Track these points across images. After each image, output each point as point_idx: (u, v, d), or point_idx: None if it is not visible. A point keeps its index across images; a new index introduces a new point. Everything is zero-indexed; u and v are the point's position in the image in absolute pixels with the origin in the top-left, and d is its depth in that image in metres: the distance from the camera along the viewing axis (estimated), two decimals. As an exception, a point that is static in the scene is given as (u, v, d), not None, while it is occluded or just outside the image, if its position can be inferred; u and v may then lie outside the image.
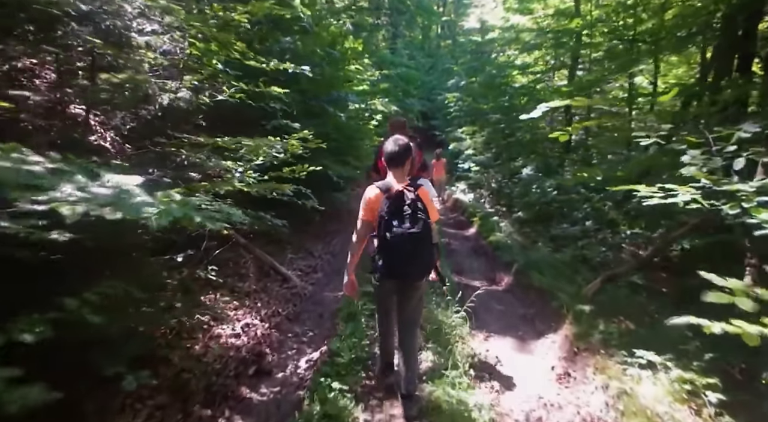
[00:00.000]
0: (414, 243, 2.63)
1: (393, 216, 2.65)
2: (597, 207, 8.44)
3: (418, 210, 2.66)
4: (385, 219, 2.66)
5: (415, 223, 2.62)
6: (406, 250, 2.63)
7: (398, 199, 2.68)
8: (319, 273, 6.34)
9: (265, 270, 5.66)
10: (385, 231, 2.64)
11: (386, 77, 15.70)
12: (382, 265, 2.74)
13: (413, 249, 2.64)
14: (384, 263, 2.72)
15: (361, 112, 12.60)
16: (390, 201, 2.68)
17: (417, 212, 2.65)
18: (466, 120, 15.24)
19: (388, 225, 2.64)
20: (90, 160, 4.23)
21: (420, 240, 2.63)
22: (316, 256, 7.03)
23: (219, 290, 4.78)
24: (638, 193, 3.15)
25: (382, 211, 2.68)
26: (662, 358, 3.59)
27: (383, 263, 2.73)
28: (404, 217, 2.64)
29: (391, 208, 2.66)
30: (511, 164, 11.43)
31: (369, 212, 2.80)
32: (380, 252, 2.73)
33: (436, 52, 36.20)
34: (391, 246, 2.64)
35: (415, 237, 2.61)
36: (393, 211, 2.66)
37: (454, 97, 14.93)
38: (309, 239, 7.63)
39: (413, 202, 2.67)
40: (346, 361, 3.54)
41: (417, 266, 2.73)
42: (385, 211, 2.67)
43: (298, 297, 5.41)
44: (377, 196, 2.76)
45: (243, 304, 4.75)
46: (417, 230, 2.61)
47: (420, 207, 2.68)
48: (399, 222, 2.63)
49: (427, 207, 2.73)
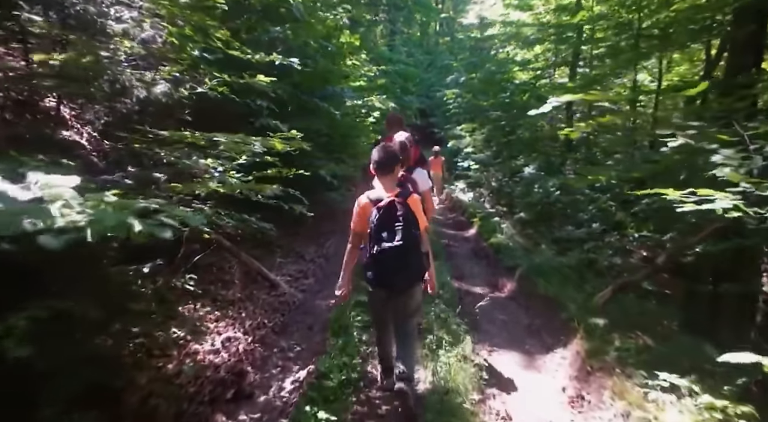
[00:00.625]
0: (402, 255, 2.67)
1: (382, 228, 2.68)
2: (603, 208, 8.08)
3: (407, 222, 2.69)
4: (374, 231, 2.69)
5: (404, 236, 2.65)
6: (393, 262, 2.68)
7: (388, 211, 2.70)
8: (311, 279, 5.95)
9: (251, 276, 5.28)
10: (375, 244, 2.68)
11: (384, 73, 15.30)
12: (372, 276, 2.81)
13: (401, 260, 2.69)
14: (373, 273, 2.79)
15: (358, 109, 12.22)
16: (380, 213, 2.70)
17: (405, 225, 2.67)
18: (465, 117, 14.86)
19: (377, 238, 2.68)
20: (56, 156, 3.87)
21: (407, 251, 2.67)
22: (308, 260, 6.65)
23: (199, 299, 4.39)
24: (666, 197, 2.78)
25: (372, 222, 2.71)
26: (687, 380, 3.24)
27: (373, 273, 2.79)
28: (394, 230, 2.67)
29: (380, 220, 2.69)
30: (511, 163, 11.06)
31: (359, 223, 2.84)
32: (370, 263, 2.78)
33: (434, 49, 35.87)
34: (380, 259, 2.68)
35: (402, 249, 2.64)
36: (382, 224, 2.69)
37: (453, 94, 14.54)
38: (300, 241, 7.24)
39: (403, 213, 2.69)
40: (335, 384, 3.17)
41: (405, 276, 2.78)
42: (375, 223, 2.70)
43: (287, 306, 5.02)
44: (366, 206, 2.79)
45: (225, 315, 4.37)
46: (404, 243, 2.64)
47: (410, 219, 2.71)
48: (388, 234, 2.67)
49: (417, 216, 2.77)
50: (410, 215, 2.71)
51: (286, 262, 6.24)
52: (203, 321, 4.09)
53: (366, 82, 12.97)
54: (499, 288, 6.15)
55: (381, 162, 2.85)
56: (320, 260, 6.83)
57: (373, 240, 2.69)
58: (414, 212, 2.74)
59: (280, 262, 6.15)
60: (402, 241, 2.63)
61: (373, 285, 2.87)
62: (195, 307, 4.24)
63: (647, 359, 3.60)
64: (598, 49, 11.03)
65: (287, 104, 7.16)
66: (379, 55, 20.62)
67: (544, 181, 9.48)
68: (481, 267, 7.06)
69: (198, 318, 4.08)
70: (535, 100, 12.28)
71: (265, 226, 5.33)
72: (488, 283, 6.32)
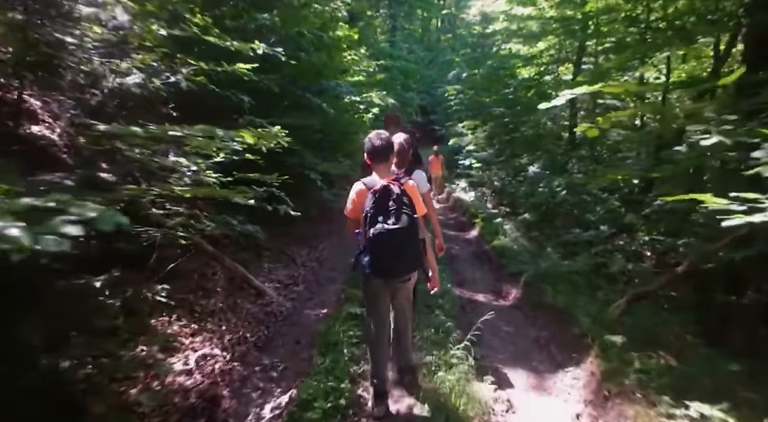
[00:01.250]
0: (398, 239, 2.57)
1: (378, 212, 2.60)
2: (611, 209, 7.68)
3: (403, 205, 2.62)
4: (369, 215, 2.60)
5: (399, 219, 2.57)
6: (390, 247, 2.59)
7: (383, 195, 2.62)
8: (301, 286, 5.56)
9: (236, 284, 4.89)
10: (370, 228, 2.58)
11: (384, 69, 14.87)
12: (368, 262, 2.67)
13: (398, 245, 2.59)
14: (369, 259, 2.66)
15: (356, 105, 11.81)
16: (375, 196, 2.62)
17: (402, 207, 2.60)
18: (467, 114, 14.41)
19: (372, 222, 2.58)
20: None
21: (404, 235, 2.58)
22: (299, 264, 6.25)
23: (175, 311, 4.00)
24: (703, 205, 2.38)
25: (367, 206, 2.62)
26: (719, 409, 2.85)
27: (369, 260, 2.66)
28: (389, 213, 2.59)
29: (375, 204, 2.61)
30: (515, 161, 10.64)
31: (353, 209, 2.78)
32: (366, 249, 2.68)
33: (435, 45, 35.52)
34: (376, 243, 2.58)
35: (399, 233, 2.56)
36: (378, 207, 2.60)
37: (454, 90, 14.11)
38: (292, 244, 6.84)
39: (398, 197, 2.63)
40: (319, 416, 2.77)
41: (402, 262, 2.69)
42: (370, 206, 2.61)
43: (273, 316, 4.63)
44: (362, 192, 2.72)
45: (203, 328, 3.98)
46: (400, 225, 2.56)
47: (405, 202, 2.64)
48: (384, 218, 2.58)
49: (414, 201, 2.70)
50: (406, 198, 2.65)
51: (275, 267, 5.85)
52: (177, 337, 3.70)
53: (365, 78, 12.55)
54: (503, 296, 5.75)
55: (375, 150, 2.78)
56: (312, 264, 6.43)
57: (369, 224, 2.59)
58: (410, 196, 2.68)
59: (269, 267, 5.76)
60: (398, 224, 2.56)
61: (368, 273, 2.72)
62: (169, 320, 3.85)
63: (670, 382, 3.21)
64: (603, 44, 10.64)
65: (279, 99, 6.77)
66: (380, 50, 20.18)
67: (549, 181, 9.07)
68: (484, 273, 6.66)
69: (171, 334, 3.70)
70: (539, 96, 11.90)
71: (249, 229, 4.96)
72: (491, 290, 5.93)
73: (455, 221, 10.83)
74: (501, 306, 5.39)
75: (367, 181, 2.74)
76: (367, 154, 2.83)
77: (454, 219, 11.00)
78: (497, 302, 5.51)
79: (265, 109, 6.19)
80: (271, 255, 6.13)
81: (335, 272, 6.26)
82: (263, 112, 6.10)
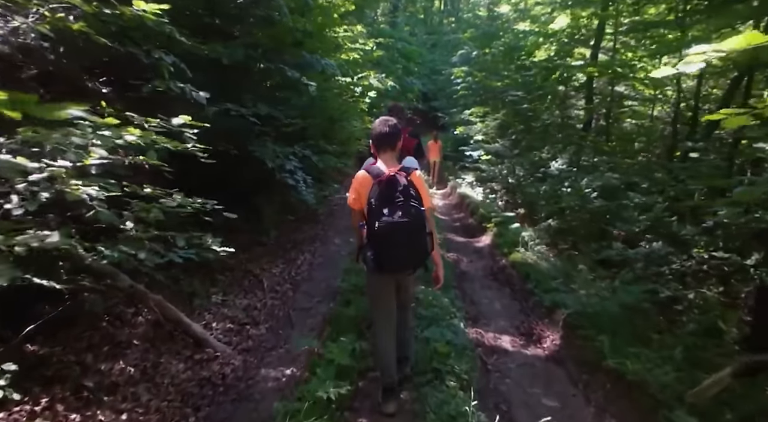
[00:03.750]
0: (406, 233, 2.41)
1: (383, 203, 2.42)
2: (660, 218, 6.22)
3: (411, 197, 2.46)
4: (374, 206, 2.44)
5: (407, 212, 2.40)
6: (397, 241, 2.43)
7: (389, 185, 2.46)
8: (263, 326, 4.10)
9: (164, 331, 3.46)
10: (375, 221, 2.41)
11: (382, 46, 13.29)
12: (372, 257, 2.49)
13: (405, 240, 2.44)
14: (374, 255, 2.48)
15: (351, 88, 10.30)
16: (380, 187, 2.46)
17: (409, 199, 2.44)
18: (475, 100, 12.87)
19: (377, 214, 2.41)
20: None
21: (413, 230, 2.43)
22: (266, 289, 4.81)
23: (47, 391, 2.58)
24: None
25: (372, 197, 2.46)
26: None
27: (373, 255, 2.48)
28: (395, 205, 2.41)
29: (381, 195, 2.45)
30: (533, 155, 9.14)
31: (357, 199, 2.57)
32: (370, 243, 2.49)
33: (438, 28, 34.09)
34: (381, 237, 2.41)
35: (406, 226, 2.39)
36: (383, 198, 2.44)
37: (462, 72, 12.54)
38: (260, 258, 5.41)
39: (405, 188, 2.46)
40: None
41: (409, 258, 2.55)
42: (375, 197, 2.45)
43: (211, 386, 3.19)
44: (366, 181, 2.53)
45: (89, 420, 2.55)
46: (409, 219, 2.39)
47: (413, 193, 2.48)
48: (390, 210, 2.41)
49: (421, 193, 2.53)
50: (414, 190, 2.49)
51: (230, 298, 4.39)
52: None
53: (361, 56, 10.99)
54: (535, 340, 4.31)
55: (382, 136, 2.62)
56: (285, 287, 4.99)
57: (374, 217, 2.42)
58: (417, 188, 2.52)
59: (222, 299, 4.31)
60: (406, 218, 2.39)
61: (372, 268, 2.54)
62: (26, 410, 2.42)
63: None
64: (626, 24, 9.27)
65: (244, 72, 5.28)
66: (380, 32, 18.61)
67: (576, 179, 7.61)
68: (505, 300, 5.22)
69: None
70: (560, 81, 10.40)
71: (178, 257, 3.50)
72: (518, 329, 4.50)
73: (462, 224, 9.37)
74: (534, 356, 3.97)
75: (372, 170, 2.56)
76: (372, 141, 2.69)
77: (460, 222, 9.54)
78: (529, 350, 4.09)
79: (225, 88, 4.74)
80: (228, 279, 4.68)
81: (314, 297, 4.84)
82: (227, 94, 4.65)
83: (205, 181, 5.10)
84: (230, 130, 4.72)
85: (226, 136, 4.68)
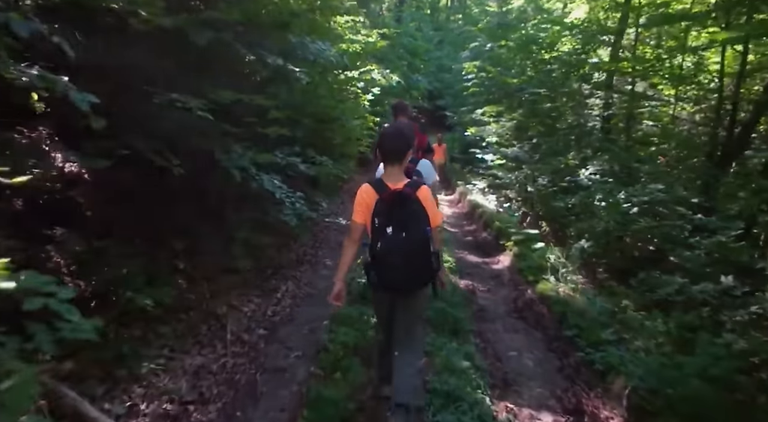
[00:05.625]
0: (409, 253, 2.32)
1: (387, 221, 2.33)
2: (724, 245, 5.08)
3: (418, 217, 2.35)
4: (377, 225, 2.35)
5: (411, 231, 2.31)
6: (399, 261, 2.32)
7: (394, 202, 2.36)
8: (213, 407, 2.93)
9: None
10: (378, 239, 2.34)
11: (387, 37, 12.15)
12: (375, 276, 2.41)
13: (408, 260, 2.32)
14: (377, 274, 2.39)
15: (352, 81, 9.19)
16: (385, 203, 2.36)
17: (415, 218, 2.34)
18: (487, 98, 11.74)
19: (380, 232, 2.33)
20: None
21: (416, 250, 2.33)
22: (230, 338, 3.68)
23: None
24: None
25: (375, 215, 2.36)
26: None
27: (375, 273, 2.40)
28: (400, 223, 2.32)
29: (385, 212, 2.35)
30: (559, 161, 7.98)
31: (361, 214, 2.45)
32: (372, 261, 2.39)
33: (445, 25, 33.13)
34: (384, 256, 2.33)
35: (409, 246, 2.31)
36: (387, 216, 2.34)
37: (474, 67, 11.39)
38: (230, 290, 4.32)
39: (411, 206, 2.36)
40: None
41: (412, 279, 2.42)
42: (379, 214, 2.35)
43: None
44: (370, 196, 2.42)
45: None
46: (413, 240, 2.31)
47: (420, 213, 2.36)
48: (394, 229, 2.31)
49: (428, 211, 2.39)
50: (420, 209, 2.36)
51: (177, 355, 3.28)
52: None
53: (363, 47, 9.87)
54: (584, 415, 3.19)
55: (392, 150, 2.45)
56: (255, 336, 3.87)
57: (377, 236, 2.34)
58: (424, 206, 2.38)
59: (165, 360, 3.19)
60: (410, 239, 2.30)
61: (376, 287, 2.50)
62: None
63: None
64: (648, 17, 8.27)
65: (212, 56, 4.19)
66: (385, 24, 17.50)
67: (612, 192, 6.47)
68: (538, 351, 4.08)
69: None
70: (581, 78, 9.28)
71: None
72: (561, 401, 3.36)
73: (474, 238, 8.25)
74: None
75: (376, 183, 2.44)
76: (378, 150, 2.51)
77: (472, 236, 8.41)
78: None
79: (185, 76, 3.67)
80: (181, 327, 3.57)
81: (293, 350, 3.74)
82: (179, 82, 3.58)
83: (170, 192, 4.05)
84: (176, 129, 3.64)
85: (167, 137, 3.61)
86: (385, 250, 2.31)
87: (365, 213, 2.42)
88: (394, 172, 2.46)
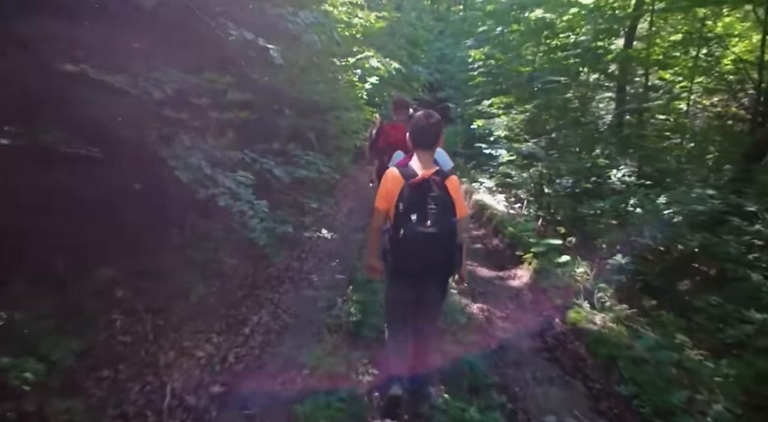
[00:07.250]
0: (432, 245, 2.27)
1: (412, 209, 2.26)
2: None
3: (444, 206, 2.28)
4: (401, 211, 2.28)
5: (437, 222, 2.24)
6: (420, 252, 2.28)
7: (422, 190, 2.28)
8: None
9: None
10: (400, 227, 2.27)
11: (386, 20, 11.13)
12: (392, 263, 2.39)
13: (430, 251, 2.29)
14: (395, 261, 2.37)
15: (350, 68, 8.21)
16: (411, 190, 2.29)
17: (442, 207, 2.27)
18: (495, 88, 10.71)
19: (404, 220, 2.27)
20: None
21: (440, 242, 2.28)
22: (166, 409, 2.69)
23: None
24: None
25: (400, 201, 2.29)
26: None
27: (394, 261, 2.37)
28: (426, 213, 2.25)
29: (411, 200, 2.28)
30: (581, 160, 6.96)
31: (385, 200, 2.40)
32: (391, 249, 2.36)
33: (446, 15, 32.08)
34: (405, 246, 2.28)
35: (434, 238, 2.25)
36: (413, 203, 2.27)
37: (482, 54, 10.37)
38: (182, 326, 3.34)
39: (439, 193, 2.29)
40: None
41: (433, 271, 2.41)
42: (404, 201, 2.28)
43: None
44: (397, 182, 2.35)
45: None
46: (438, 231, 2.24)
47: (447, 202, 2.30)
48: (418, 218, 2.25)
49: (455, 201, 2.35)
50: (447, 198, 2.31)
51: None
52: None
53: (361, 30, 8.85)
54: None
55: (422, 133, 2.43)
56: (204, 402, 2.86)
57: (400, 222, 2.28)
58: (452, 196, 2.33)
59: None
60: (435, 228, 2.24)
61: (392, 275, 2.48)
62: None
63: None
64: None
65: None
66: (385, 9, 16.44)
67: (648, 195, 5.49)
68: (583, 417, 3.10)
69: None
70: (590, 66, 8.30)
71: None
72: None
73: (484, 245, 7.26)
74: None
75: (405, 170, 2.36)
76: (410, 137, 2.47)
77: (482, 242, 7.41)
78: None
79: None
80: (96, 396, 2.58)
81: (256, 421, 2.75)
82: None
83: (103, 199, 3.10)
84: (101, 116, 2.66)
85: (89, 126, 2.66)
86: (406, 239, 2.26)
87: (389, 200, 2.37)
88: (425, 158, 2.41)
